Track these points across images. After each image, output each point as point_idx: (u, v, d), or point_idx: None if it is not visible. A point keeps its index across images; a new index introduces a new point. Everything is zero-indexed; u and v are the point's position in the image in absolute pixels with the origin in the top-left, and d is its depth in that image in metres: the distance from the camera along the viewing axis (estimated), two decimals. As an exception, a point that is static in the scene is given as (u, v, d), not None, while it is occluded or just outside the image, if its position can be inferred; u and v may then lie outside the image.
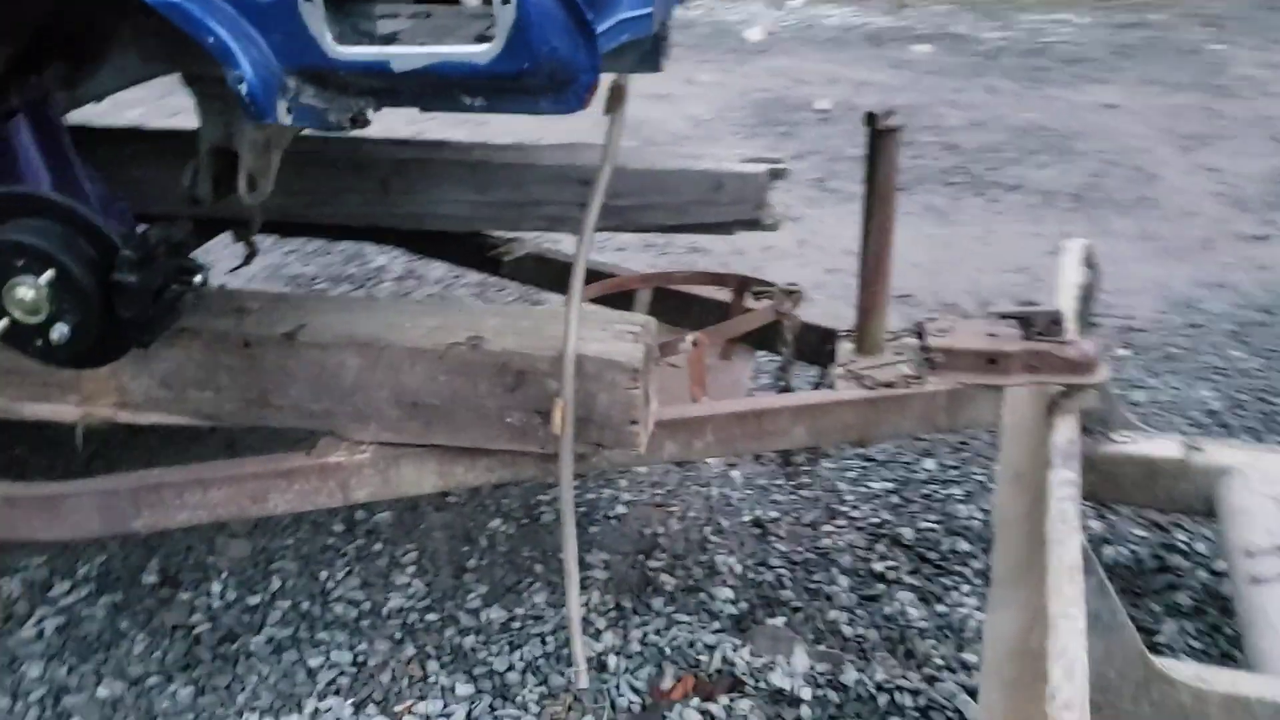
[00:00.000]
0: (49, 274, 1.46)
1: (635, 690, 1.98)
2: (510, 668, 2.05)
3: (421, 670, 2.05)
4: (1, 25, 1.59)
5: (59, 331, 1.50)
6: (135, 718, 1.93)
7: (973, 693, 1.93)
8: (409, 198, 2.61)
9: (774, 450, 2.22)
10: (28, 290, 1.47)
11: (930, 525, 2.49)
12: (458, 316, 1.81)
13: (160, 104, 4.52)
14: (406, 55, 1.27)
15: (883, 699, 1.95)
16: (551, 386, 1.68)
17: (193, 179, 1.81)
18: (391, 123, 2.07)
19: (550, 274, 2.63)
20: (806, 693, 1.97)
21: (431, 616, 2.18)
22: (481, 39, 1.27)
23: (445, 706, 1.95)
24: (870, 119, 1.83)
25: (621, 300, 2.35)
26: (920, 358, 1.97)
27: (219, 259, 3.00)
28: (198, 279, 1.61)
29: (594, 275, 2.47)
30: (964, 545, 2.41)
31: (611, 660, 2.05)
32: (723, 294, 2.32)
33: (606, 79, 1.66)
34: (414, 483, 1.82)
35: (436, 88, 1.33)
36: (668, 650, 2.07)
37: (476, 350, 1.71)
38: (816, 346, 2.18)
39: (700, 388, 1.98)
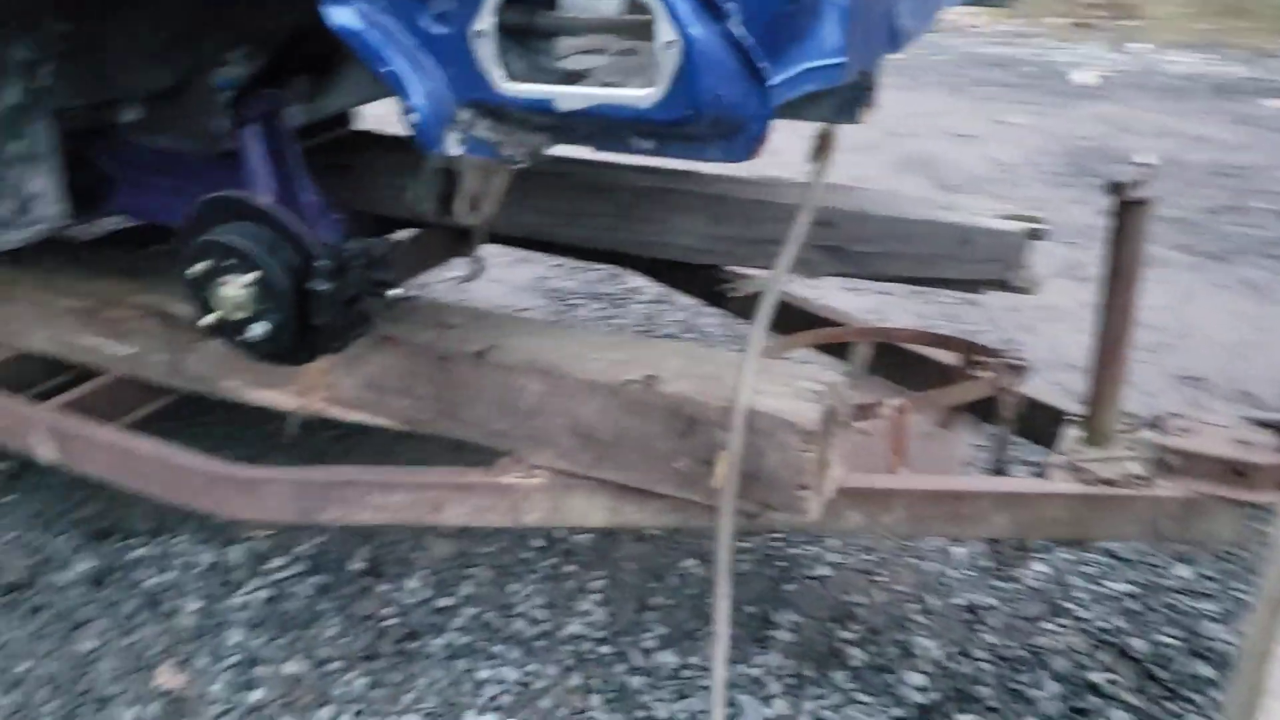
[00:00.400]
0: (252, 275, 1.56)
1: (790, 766, 1.88)
2: (671, 717, 1.99)
3: (583, 702, 2.03)
4: (248, 41, 1.72)
5: (258, 329, 1.60)
6: (311, 698, 2.02)
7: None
8: (648, 225, 2.62)
9: (972, 536, 2.04)
10: (234, 289, 1.58)
11: (1168, 640, 2.21)
12: (641, 353, 1.78)
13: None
14: (571, 95, 1.24)
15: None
16: (720, 437, 1.62)
17: (417, 195, 1.88)
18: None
19: (781, 317, 2.55)
20: (975, 807, 1.79)
21: (605, 649, 2.16)
22: (648, 81, 1.23)
23: (596, 745, 1.93)
24: (1115, 188, 1.64)
25: (841, 351, 2.25)
26: (1155, 457, 1.75)
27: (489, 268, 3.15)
28: (393, 292, 1.66)
29: (815, 321, 2.38)
30: (1205, 670, 2.13)
31: (774, 729, 1.96)
32: (949, 357, 2.17)
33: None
34: (582, 514, 1.81)
35: (603, 129, 1.30)
36: (837, 730, 1.96)
37: (650, 390, 1.67)
38: (1044, 426, 1.99)
39: (899, 457, 1.85)
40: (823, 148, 1.59)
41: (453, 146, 1.31)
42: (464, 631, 2.20)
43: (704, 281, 2.68)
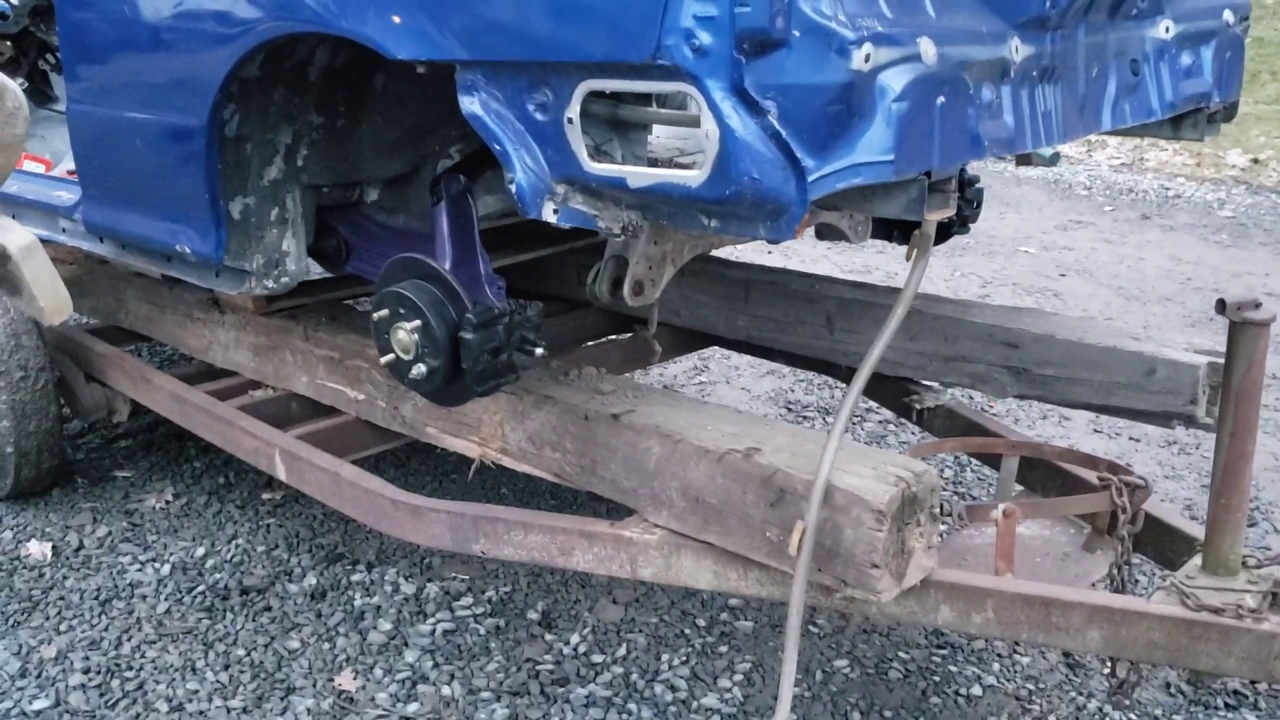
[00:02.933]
0: (417, 322, 1.86)
1: None
2: (772, 795, 2.05)
3: (694, 766, 2.12)
4: (467, 139, 2.07)
5: (420, 369, 1.90)
6: (455, 718, 2.25)
7: None
8: (851, 335, 2.74)
9: (1063, 647, 1.97)
10: (404, 333, 1.89)
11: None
12: (753, 428, 1.92)
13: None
14: (638, 174, 1.46)
15: None
16: (804, 509, 1.72)
17: (594, 279, 2.14)
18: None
19: (959, 428, 2.58)
20: None
21: (732, 724, 2.25)
22: (696, 163, 1.42)
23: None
24: (1222, 307, 1.62)
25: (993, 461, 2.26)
26: (1274, 592, 1.66)
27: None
28: (538, 351, 1.92)
29: (973, 429, 2.40)
30: None
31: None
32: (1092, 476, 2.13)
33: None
34: (691, 575, 1.94)
35: (672, 206, 1.50)
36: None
37: (749, 460, 1.81)
38: (1175, 552, 1.91)
39: (1006, 561, 1.85)
40: (919, 245, 1.69)
41: (549, 214, 1.56)
42: (608, 686, 2.36)
43: (895, 393, 2.75)
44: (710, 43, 1.33)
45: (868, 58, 1.38)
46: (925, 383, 2.71)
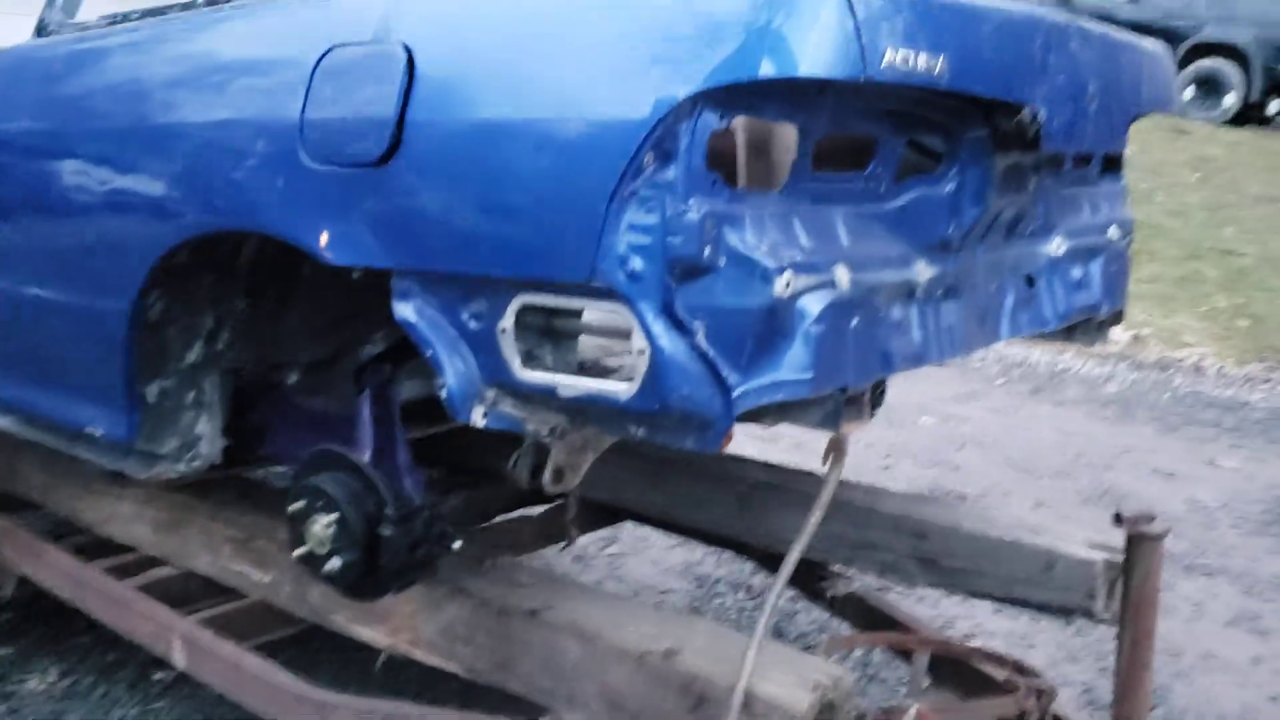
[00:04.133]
0: (334, 516, 1.84)
1: None
2: None
3: None
4: (389, 325, 2.09)
5: (335, 564, 1.87)
6: None
7: None
8: (763, 517, 2.77)
9: None
10: (319, 526, 1.87)
11: None
12: (674, 628, 1.92)
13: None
14: (569, 384, 1.50)
15: None
16: (724, 717, 1.71)
17: (514, 463, 2.14)
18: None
19: (869, 618, 2.61)
20: None
21: None
22: (625, 377, 1.47)
23: None
24: (1119, 520, 1.70)
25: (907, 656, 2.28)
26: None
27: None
28: (454, 545, 1.91)
29: (886, 623, 2.43)
30: None
31: None
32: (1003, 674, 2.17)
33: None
34: (607, 785, 1.90)
35: (601, 415, 1.53)
36: None
37: (668, 663, 1.80)
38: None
39: (920, 765, 1.86)
40: (833, 452, 1.75)
41: (478, 419, 1.58)
42: None
43: (806, 577, 2.77)
44: (643, 268, 1.39)
45: (788, 284, 1.45)
46: (835, 569, 2.75)
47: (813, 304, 1.48)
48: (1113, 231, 2.35)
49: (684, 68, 1.36)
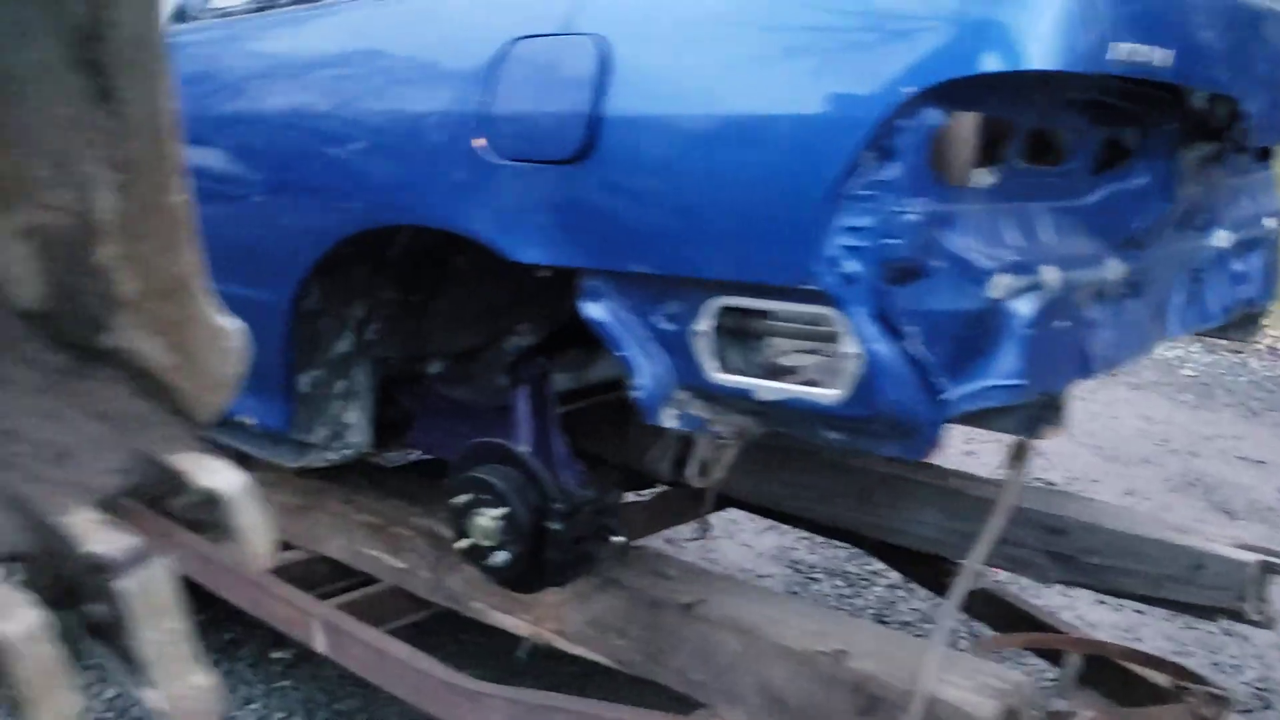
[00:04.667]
0: (501, 510, 1.83)
1: None
2: None
3: None
4: (536, 318, 2.08)
5: (500, 557, 1.86)
6: None
7: None
8: (886, 510, 2.74)
9: None
10: (485, 520, 1.86)
11: None
12: (836, 627, 1.90)
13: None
14: (767, 389, 1.47)
15: None
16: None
17: (658, 457, 2.13)
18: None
19: (996, 613, 2.58)
20: None
21: None
22: (832, 382, 1.44)
23: None
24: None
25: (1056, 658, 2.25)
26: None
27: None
28: (616, 539, 1.89)
29: (1034, 625, 2.40)
30: None
31: None
32: (1161, 678, 2.13)
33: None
34: (764, 779, 1.89)
35: (795, 419, 1.50)
36: None
37: (838, 664, 1.78)
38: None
39: (1090, 770, 1.84)
40: (1016, 458, 1.72)
41: (668, 420, 1.55)
42: None
43: (931, 572, 2.75)
44: (858, 270, 1.36)
45: (1001, 286, 1.42)
46: (960, 563, 2.71)
47: (1024, 306, 1.44)
48: (1269, 221, 2.29)
49: (907, 63, 1.32)
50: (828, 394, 1.42)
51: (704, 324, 1.49)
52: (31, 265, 0.95)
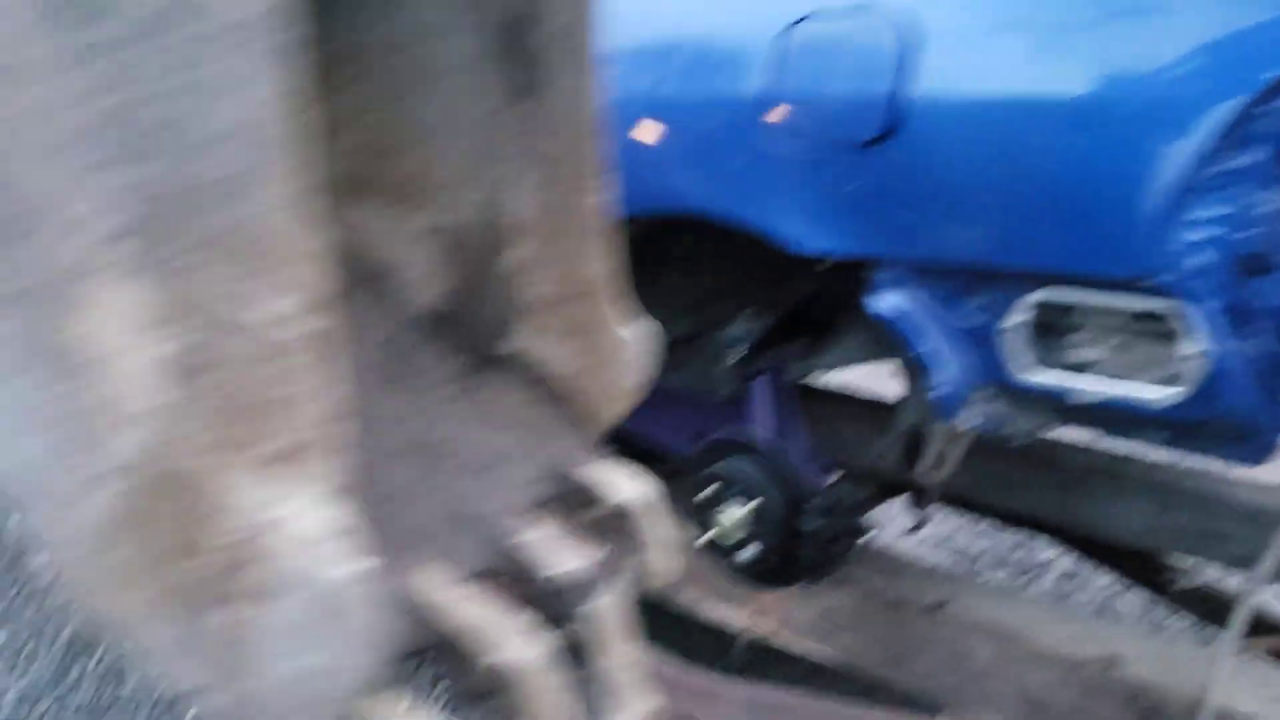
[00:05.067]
0: (753, 503, 1.77)
1: None
2: None
3: None
4: (757, 304, 2.00)
5: (749, 553, 1.80)
6: None
7: None
8: (1087, 503, 2.64)
9: None
10: (734, 513, 1.80)
11: None
12: (1096, 630, 1.82)
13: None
14: (1087, 389, 1.38)
15: None
16: (1183, 732, 1.61)
17: (886, 450, 2.05)
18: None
19: (1219, 613, 2.46)
20: None
21: None
22: (1168, 381, 1.35)
23: None
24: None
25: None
26: None
27: (893, 520, 3.25)
28: (865, 537, 1.83)
29: (1273, 629, 2.28)
30: None
31: None
32: None
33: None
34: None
35: (1113, 420, 1.42)
36: None
37: (1109, 671, 1.70)
38: None
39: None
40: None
41: (967, 419, 1.48)
42: None
43: (1139, 567, 2.64)
44: (1208, 264, 1.26)
45: (1354, 283, 1.32)
46: (1174, 560, 2.61)
47: (1376, 302, 1.33)
48: None
49: (1268, 49, 1.22)
50: (1165, 394, 1.33)
51: (1017, 318, 1.41)
52: (435, 266, 0.90)
